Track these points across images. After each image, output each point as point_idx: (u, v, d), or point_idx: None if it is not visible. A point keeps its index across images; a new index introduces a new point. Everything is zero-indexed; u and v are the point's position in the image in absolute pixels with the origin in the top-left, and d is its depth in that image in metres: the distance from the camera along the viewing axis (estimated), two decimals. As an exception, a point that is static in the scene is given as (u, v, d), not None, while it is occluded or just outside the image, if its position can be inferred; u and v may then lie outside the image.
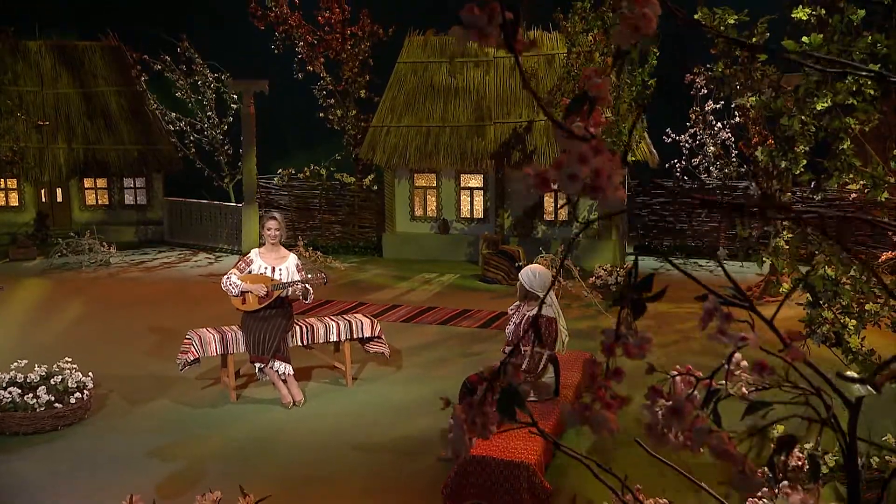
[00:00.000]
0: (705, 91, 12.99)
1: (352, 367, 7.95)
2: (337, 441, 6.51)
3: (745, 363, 1.56)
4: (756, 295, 11.01)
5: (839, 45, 3.68)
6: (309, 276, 7.51)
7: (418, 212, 15.09)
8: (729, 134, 12.97)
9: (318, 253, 14.00)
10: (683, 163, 13.89)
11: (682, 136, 13.70)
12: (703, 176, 13.84)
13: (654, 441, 1.32)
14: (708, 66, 11.11)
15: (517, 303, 6.26)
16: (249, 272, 7.37)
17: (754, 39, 4.30)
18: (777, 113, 4.06)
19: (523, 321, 5.96)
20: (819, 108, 3.78)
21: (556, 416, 5.70)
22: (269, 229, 7.45)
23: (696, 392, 1.38)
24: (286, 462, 6.12)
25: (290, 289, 7.34)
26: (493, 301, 11.39)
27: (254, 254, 7.55)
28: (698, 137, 13.59)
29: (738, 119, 10.94)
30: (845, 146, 4.25)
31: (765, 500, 3.84)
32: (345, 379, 7.90)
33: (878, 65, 3.75)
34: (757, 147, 10.49)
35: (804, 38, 3.78)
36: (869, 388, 1.36)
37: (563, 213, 14.17)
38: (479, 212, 14.79)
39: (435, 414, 6.89)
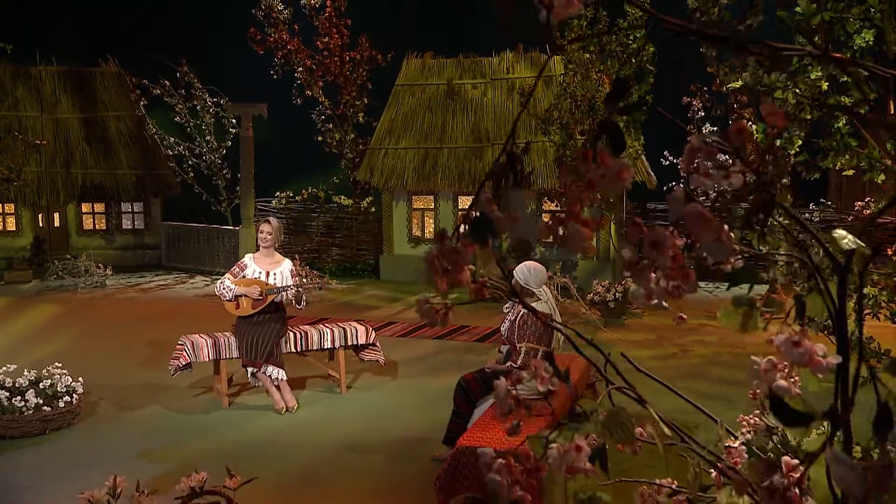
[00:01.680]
0: (703, 113, 13.08)
1: (346, 376, 7.84)
2: (330, 444, 6.38)
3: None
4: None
5: (832, 12, 3.67)
6: (304, 279, 7.44)
7: (416, 233, 15.06)
8: (727, 157, 13.01)
9: (315, 272, 13.93)
10: (681, 185, 13.93)
11: (680, 159, 13.75)
12: (701, 199, 13.83)
13: (635, 277, 1.26)
14: (704, 87, 11.20)
15: (512, 301, 6.18)
16: (243, 277, 7.31)
17: (748, 21, 4.28)
18: (770, 88, 4.03)
19: (518, 318, 5.87)
20: (813, 76, 3.75)
21: (559, 404, 5.59)
22: (262, 232, 7.40)
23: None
24: (279, 463, 5.99)
25: (284, 293, 7.26)
26: (490, 317, 11.29)
27: (248, 259, 7.49)
28: (696, 161, 13.64)
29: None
30: (840, 125, 4.22)
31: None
32: (339, 387, 7.78)
33: (874, 30, 3.73)
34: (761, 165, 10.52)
35: (797, 8, 3.77)
36: (858, 241, 1.30)
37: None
38: (476, 234, 14.75)
39: (429, 418, 6.77)
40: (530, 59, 14.79)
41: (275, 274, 7.36)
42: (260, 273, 7.33)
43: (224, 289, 7.21)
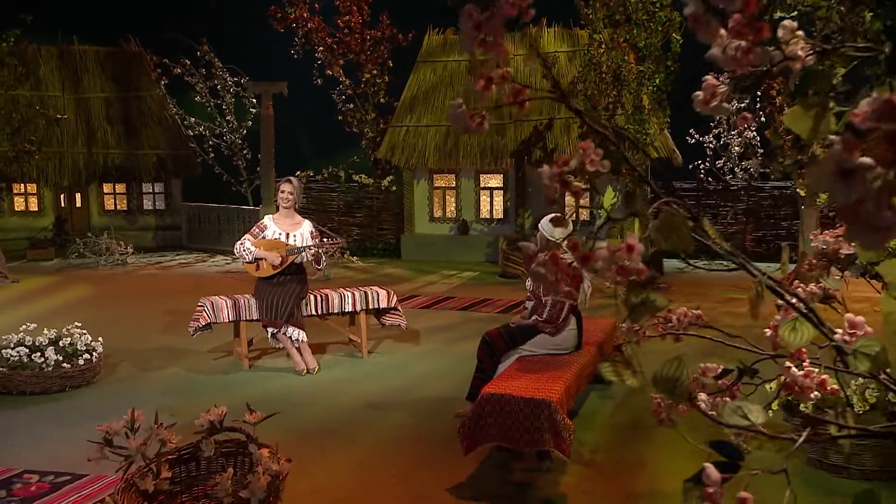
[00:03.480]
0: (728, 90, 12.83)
1: (367, 343, 7.72)
2: (351, 401, 6.27)
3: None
4: (790, 281, 10.72)
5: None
6: (325, 240, 7.33)
7: (437, 213, 14.93)
8: (755, 133, 12.77)
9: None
10: (707, 164, 13.68)
11: (706, 137, 13.50)
12: (727, 177, 13.62)
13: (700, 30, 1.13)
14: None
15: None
16: (263, 238, 7.20)
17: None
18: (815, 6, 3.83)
19: (545, 271, 5.73)
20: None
21: (577, 369, 5.43)
22: (282, 192, 7.29)
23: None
24: (299, 418, 5.88)
25: (304, 253, 7.16)
26: (513, 292, 11.16)
27: (268, 219, 7.39)
28: (722, 138, 13.40)
29: (766, 109, 10.75)
30: (886, 49, 4.02)
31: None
32: (360, 352, 7.67)
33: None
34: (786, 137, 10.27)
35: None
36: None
37: (585, 213, 13.95)
38: (498, 212, 14.61)
39: (453, 381, 6.65)
40: (554, 33, 14.60)
41: (295, 235, 7.25)
42: (280, 234, 7.23)
43: (244, 250, 7.11)
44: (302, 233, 7.29)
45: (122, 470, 3.61)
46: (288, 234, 7.24)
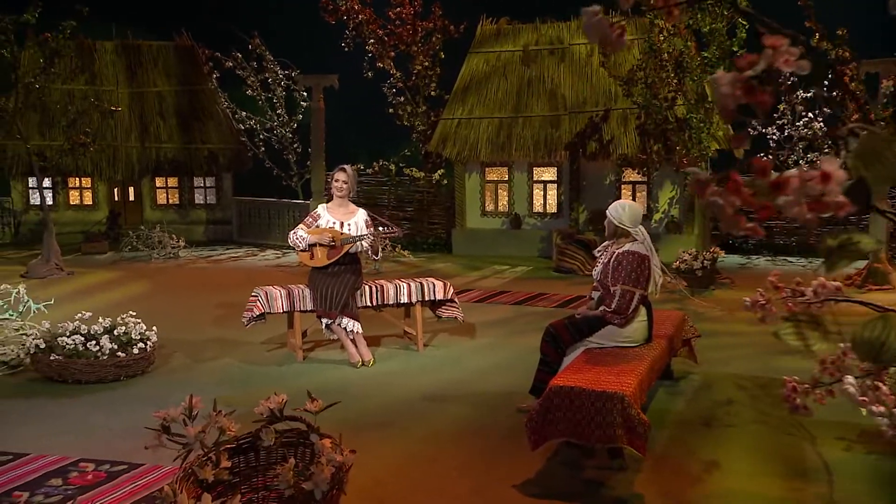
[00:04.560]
0: (794, 79, 12.38)
1: (422, 336, 7.52)
2: (407, 394, 6.08)
3: None
4: (857, 283, 10.28)
5: None
6: (381, 228, 7.15)
7: (489, 207, 14.69)
8: (821, 124, 12.29)
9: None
10: (770, 156, 13.22)
11: (769, 129, 13.05)
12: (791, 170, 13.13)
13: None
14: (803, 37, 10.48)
15: (605, 243, 5.77)
16: (317, 227, 7.05)
17: None
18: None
19: (612, 259, 5.45)
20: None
21: (649, 362, 5.15)
22: (336, 181, 7.13)
23: None
24: (356, 410, 5.69)
25: (359, 243, 6.98)
26: (569, 287, 10.88)
27: (321, 209, 7.24)
28: (786, 129, 12.93)
29: (837, 97, 10.26)
30: None
31: None
32: (415, 344, 7.48)
33: None
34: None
35: None
36: None
37: (642, 208, 13.61)
38: (552, 206, 14.31)
39: (513, 375, 6.42)
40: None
41: (349, 224, 7.09)
42: (334, 223, 7.07)
43: (298, 238, 6.97)
44: (356, 222, 7.13)
45: (179, 458, 3.45)
46: (342, 224, 7.08)
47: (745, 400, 5.80)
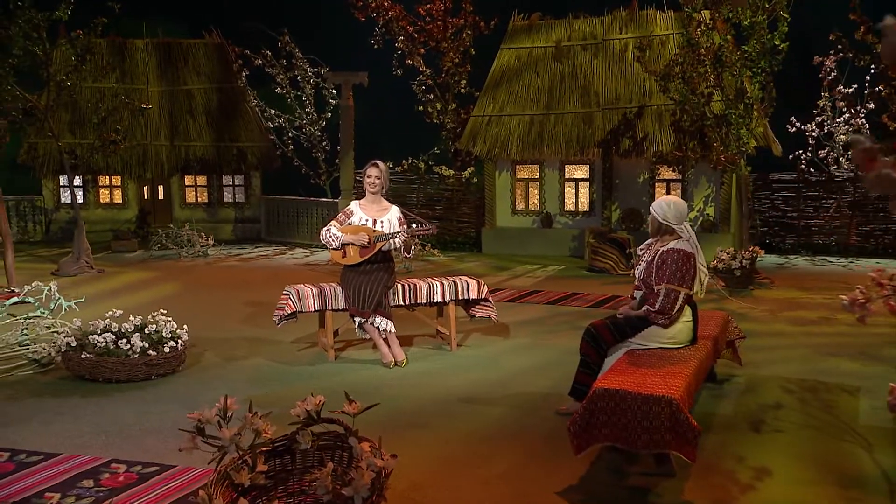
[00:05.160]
0: (835, 74, 12.07)
1: (456, 336, 7.37)
2: (443, 395, 5.93)
3: None
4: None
5: None
6: (413, 226, 7.00)
7: (520, 205, 14.50)
8: (863, 121, 11.96)
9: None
10: (809, 154, 12.92)
11: (809, 126, 12.74)
12: (831, 168, 12.82)
13: None
14: (843, 37, 10.20)
15: (648, 241, 5.58)
16: (349, 224, 6.92)
17: None
18: None
19: (656, 257, 5.26)
20: None
21: (696, 364, 4.95)
22: (369, 177, 6.99)
23: None
24: (390, 411, 5.55)
25: (393, 241, 6.84)
26: (603, 286, 10.67)
27: (354, 206, 7.11)
28: (826, 126, 12.62)
29: (882, 91, 9.97)
30: None
31: None
32: (449, 344, 7.32)
33: None
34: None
35: None
36: None
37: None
38: (584, 204, 14.09)
39: (551, 376, 6.25)
40: (645, 18, 13.99)
41: (382, 221, 6.96)
42: (367, 220, 6.93)
43: (331, 237, 6.84)
44: (389, 219, 7.00)
45: (214, 461, 3.32)
46: (375, 221, 6.95)
47: (794, 404, 5.58)
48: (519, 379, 6.34)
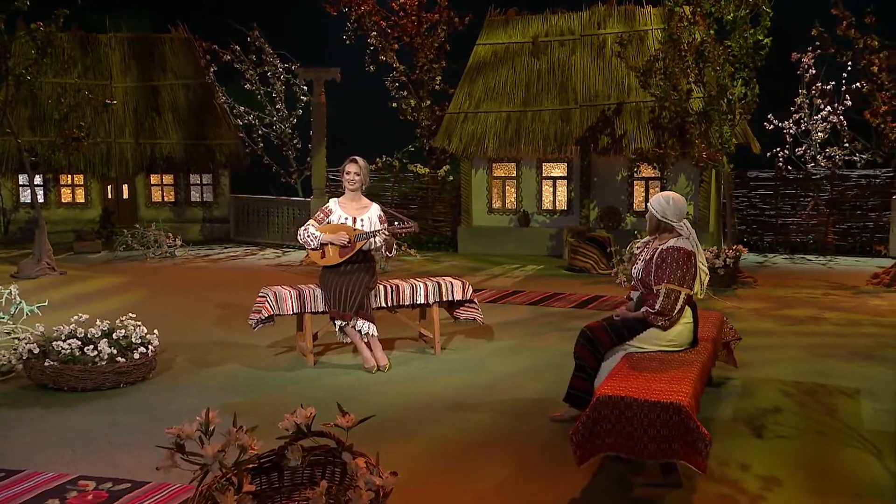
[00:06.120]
0: (813, 71, 12.00)
1: (440, 338, 7.10)
2: (431, 401, 5.65)
3: None
4: (886, 282, 9.91)
5: None
6: (396, 223, 6.72)
7: (496, 204, 14.28)
8: (841, 117, 11.91)
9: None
10: (787, 151, 12.84)
11: (786, 123, 12.66)
12: (809, 166, 12.76)
13: None
14: (825, 32, 10.11)
15: (645, 239, 5.36)
16: (328, 223, 6.62)
17: None
18: None
19: (655, 256, 5.04)
20: None
21: (699, 368, 4.74)
22: (348, 173, 6.70)
23: None
24: (376, 419, 5.25)
25: (374, 239, 6.55)
26: (585, 286, 10.47)
27: (333, 203, 6.80)
28: (804, 124, 12.55)
29: (864, 88, 9.90)
30: None
31: None
32: (433, 348, 7.05)
33: None
34: (886, 117, 9.45)
35: None
36: None
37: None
38: (562, 203, 13.90)
39: (541, 381, 6.02)
40: (623, 13, 13.83)
41: (362, 219, 6.66)
42: (346, 219, 6.64)
43: (308, 236, 6.53)
44: (370, 217, 6.71)
45: (196, 480, 3.02)
46: (355, 219, 6.65)
47: (794, 408, 5.40)
48: (507, 383, 6.09)
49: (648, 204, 5.20)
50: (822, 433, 4.90)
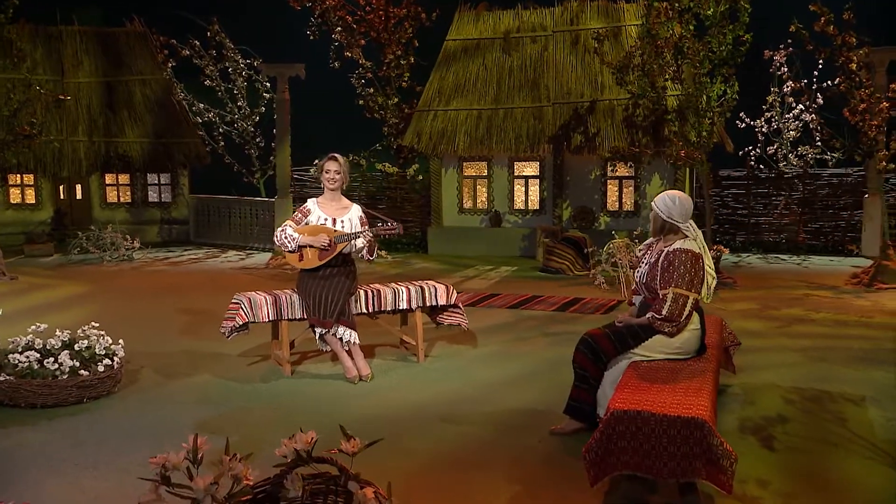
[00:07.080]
0: (785, 69, 11.92)
1: (423, 344, 6.76)
2: (419, 413, 5.32)
3: None
4: (866, 282, 9.83)
5: None
6: (378, 224, 6.36)
7: (467, 204, 13.99)
8: (813, 116, 11.84)
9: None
10: (758, 150, 12.76)
11: (758, 122, 12.57)
12: (781, 164, 12.69)
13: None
14: (804, 30, 10.01)
15: (648, 241, 5.10)
16: (307, 224, 6.25)
17: None
18: None
19: (661, 258, 4.77)
20: None
21: (713, 378, 4.47)
22: (328, 172, 6.33)
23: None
24: (359, 433, 4.84)
25: (355, 242, 6.20)
26: (562, 288, 10.21)
27: (311, 203, 6.42)
28: (775, 122, 12.48)
29: (841, 85, 9.80)
30: None
31: None
32: (416, 355, 6.72)
33: None
34: (865, 115, 9.37)
35: None
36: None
37: (629, 203, 13.03)
38: (534, 203, 13.66)
39: (533, 390, 5.73)
40: (597, 9, 13.63)
41: (343, 221, 6.30)
42: (326, 220, 6.27)
43: (286, 238, 6.15)
44: (350, 218, 6.35)
45: (184, 518, 2.65)
46: (335, 220, 6.29)
47: (800, 416, 5.18)
48: (498, 393, 5.78)
49: (652, 203, 4.93)
50: (835, 444, 4.68)
